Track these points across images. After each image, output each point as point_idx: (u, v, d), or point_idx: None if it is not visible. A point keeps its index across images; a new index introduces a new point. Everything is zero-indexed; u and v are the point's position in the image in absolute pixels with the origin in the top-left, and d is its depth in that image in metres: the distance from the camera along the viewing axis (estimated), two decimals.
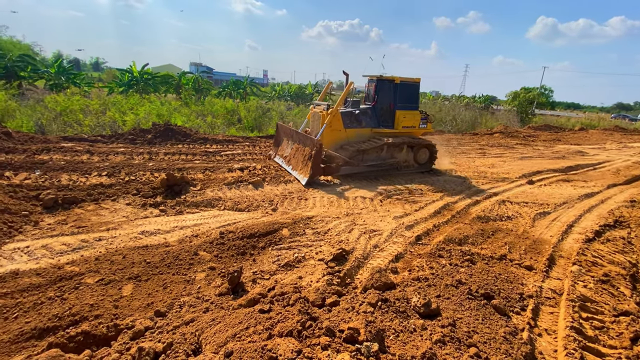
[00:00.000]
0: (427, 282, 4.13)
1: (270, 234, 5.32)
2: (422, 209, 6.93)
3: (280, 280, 4.13)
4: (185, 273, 4.20)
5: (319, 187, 8.00)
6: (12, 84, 16.74)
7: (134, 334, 2.82)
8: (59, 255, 4.42)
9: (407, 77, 9.67)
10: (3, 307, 3.38)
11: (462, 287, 4.01)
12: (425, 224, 6.20)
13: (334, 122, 9.00)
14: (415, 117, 9.94)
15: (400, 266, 4.69)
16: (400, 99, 9.62)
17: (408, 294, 3.52)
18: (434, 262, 4.76)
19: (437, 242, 5.37)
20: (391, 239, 5.46)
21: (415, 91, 9.90)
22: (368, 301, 2.78)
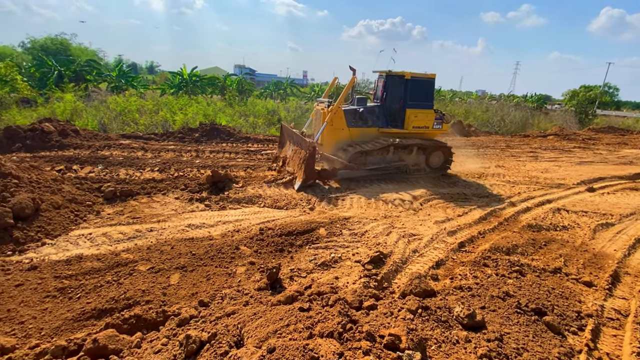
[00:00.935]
0: (470, 291, 3.92)
1: (308, 233, 5.37)
2: (466, 215, 6.59)
3: (317, 279, 4.15)
4: (226, 266, 4.37)
5: (355, 188, 7.93)
6: (80, 86, 18.63)
7: (180, 321, 2.99)
8: (116, 243, 4.83)
9: (420, 73, 8.80)
10: (69, 288, 3.75)
11: (509, 299, 3.75)
12: (470, 230, 5.88)
13: (336, 120, 8.32)
14: (428, 116, 9.00)
15: (441, 273, 4.49)
16: (411, 96, 8.72)
17: (450, 303, 3.36)
18: (478, 271, 4.51)
19: (482, 250, 5.07)
20: (432, 244, 5.26)
21: (429, 88, 9.00)
22: (408, 307, 2.70)
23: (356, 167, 8.23)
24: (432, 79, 8.98)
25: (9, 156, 7.51)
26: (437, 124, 9.21)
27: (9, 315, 3.26)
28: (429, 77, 8.91)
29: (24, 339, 3.04)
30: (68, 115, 12.86)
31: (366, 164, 8.47)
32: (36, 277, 3.83)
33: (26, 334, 3.10)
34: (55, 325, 3.19)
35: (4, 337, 2.98)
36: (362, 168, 8.38)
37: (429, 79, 8.92)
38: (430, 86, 9.01)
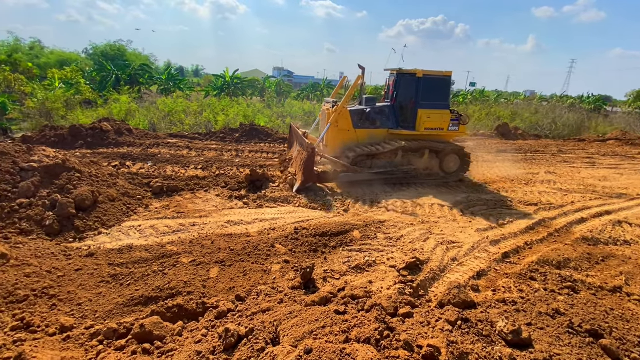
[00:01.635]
0: (515, 306, 3.66)
1: (342, 235, 5.36)
2: (511, 223, 6.18)
3: (350, 282, 4.12)
4: (262, 263, 4.49)
5: (390, 192, 7.77)
6: (134, 89, 20.16)
7: (218, 314, 3.11)
8: (162, 235, 5.15)
9: (434, 71, 8.19)
10: (120, 275, 4.06)
11: (560, 318, 3.46)
12: (515, 240, 5.52)
13: (341, 121, 8.01)
14: (443, 117, 8.32)
15: (482, 284, 4.26)
16: (423, 95, 8.13)
17: (492, 316, 3.16)
18: (524, 284, 4.21)
19: (529, 263, 4.73)
20: (473, 253, 5.00)
21: (445, 87, 8.34)
22: (446, 318, 2.58)
23: (359, 171, 7.82)
24: (448, 77, 8.34)
25: (73, 152, 8.31)
26: (453, 126, 8.48)
27: (69, 297, 3.59)
28: (445, 75, 8.27)
29: (80, 319, 3.33)
30: (123, 115, 13.97)
31: (371, 168, 8.02)
32: (93, 263, 4.19)
33: (83, 314, 3.40)
34: (107, 308, 3.47)
35: (64, 317, 3.29)
36: (366, 172, 7.92)
37: (444, 77, 8.27)
38: (445, 85, 8.36)
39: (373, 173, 7.97)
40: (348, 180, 7.79)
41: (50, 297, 3.50)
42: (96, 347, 2.92)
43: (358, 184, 7.85)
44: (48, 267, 3.91)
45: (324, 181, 7.65)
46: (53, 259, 4.13)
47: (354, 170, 7.76)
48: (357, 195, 7.33)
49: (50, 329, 3.08)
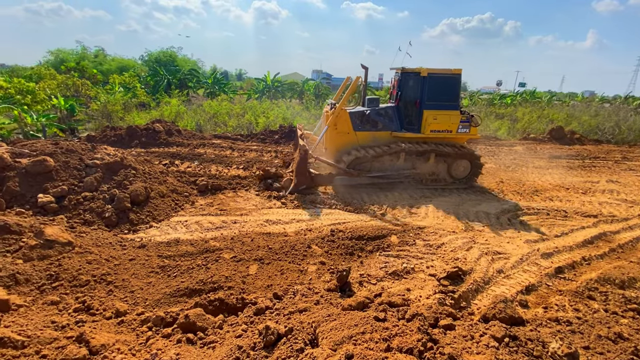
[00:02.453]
0: (570, 326, 3.36)
1: (379, 239, 5.27)
2: (566, 235, 5.68)
3: (387, 288, 4.03)
4: (299, 263, 4.54)
5: (431, 196, 7.49)
6: (183, 92, 21.49)
7: (257, 310, 3.21)
8: (206, 231, 5.42)
9: (441, 69, 7.65)
10: (168, 267, 4.33)
11: (623, 343, 3.12)
12: (570, 254, 5.06)
13: (340, 123, 7.69)
14: (451, 118, 7.75)
15: (532, 300, 3.95)
16: (429, 95, 7.61)
17: (543, 336, 2.92)
18: (580, 303, 3.85)
19: (587, 280, 4.31)
20: (521, 265, 4.66)
21: (453, 86, 7.73)
22: (492, 334, 2.43)
23: (356, 174, 7.53)
24: (457, 76, 7.72)
25: (129, 150, 9.04)
26: (463, 128, 7.87)
27: (123, 284, 3.90)
28: (453, 73, 7.67)
29: (133, 305, 3.60)
30: (173, 117, 14.94)
31: (370, 171, 7.69)
32: (144, 254, 4.52)
33: (135, 301, 3.67)
34: (156, 297, 3.71)
35: (119, 302, 3.57)
36: (364, 175, 7.61)
37: (452, 76, 7.68)
38: (454, 84, 7.75)
39: (371, 177, 7.65)
40: (345, 184, 7.54)
41: (108, 283, 3.83)
42: (146, 332, 3.13)
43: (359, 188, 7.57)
44: (106, 255, 4.28)
45: (318, 184, 7.45)
46: (110, 249, 4.51)
47: (350, 173, 7.49)
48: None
49: (107, 312, 3.37)
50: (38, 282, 3.60)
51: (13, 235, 4.00)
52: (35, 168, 5.34)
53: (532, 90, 37.18)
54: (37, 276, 3.65)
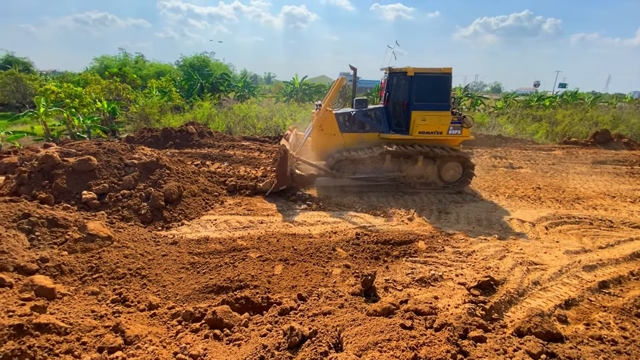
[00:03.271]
0: (615, 346, 3.10)
1: (405, 244, 5.15)
2: (612, 247, 5.26)
3: (414, 295, 3.93)
4: (323, 265, 4.54)
5: (461, 202, 7.23)
6: (215, 95, 22.28)
7: (282, 310, 3.24)
8: (234, 230, 5.56)
9: (429, 68, 7.35)
10: (197, 263, 4.48)
11: None
12: (616, 268, 4.68)
13: (326, 124, 7.56)
14: (441, 119, 7.43)
15: (572, 315, 3.69)
16: (417, 96, 7.36)
17: (585, 354, 2.72)
18: (627, 321, 3.54)
19: (636, 297, 3.96)
20: (560, 278, 4.37)
21: (443, 86, 7.39)
22: (527, 349, 2.29)
23: (338, 176, 7.41)
24: (446, 75, 7.37)
25: (164, 151, 9.49)
26: (454, 129, 7.51)
27: (156, 279, 4.08)
28: (442, 73, 7.35)
29: (164, 299, 3.76)
30: (205, 119, 15.52)
31: (355, 173, 7.51)
32: (176, 251, 4.71)
33: (166, 295, 3.82)
34: (186, 293, 3.85)
35: (152, 296, 3.74)
36: (346, 177, 7.46)
37: (441, 75, 7.36)
38: (444, 83, 7.41)
39: (354, 179, 7.50)
40: (326, 185, 7.49)
41: (142, 277, 4.02)
42: (175, 326, 3.26)
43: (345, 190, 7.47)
44: (141, 250, 4.50)
45: (299, 185, 7.37)
46: (145, 244, 4.74)
47: (333, 175, 7.39)
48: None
49: (141, 305, 3.54)
50: (80, 273, 3.85)
51: (60, 229, 4.32)
52: (80, 166, 5.74)
53: (573, 91, 34.91)
54: (79, 267, 3.91)
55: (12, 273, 3.49)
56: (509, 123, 18.79)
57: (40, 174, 5.66)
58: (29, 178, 5.62)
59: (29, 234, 4.10)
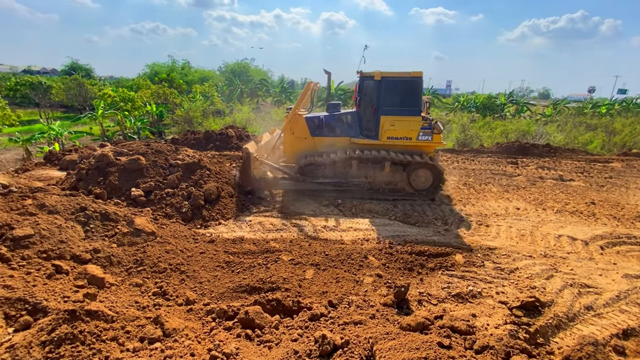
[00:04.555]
0: None
1: (441, 256, 4.94)
2: None
3: (449, 310, 3.74)
4: (355, 273, 4.48)
5: (504, 215, 6.81)
6: (254, 100, 23.05)
7: (312, 316, 3.23)
8: (267, 231, 5.67)
9: (397, 72, 7.10)
10: (232, 262, 4.62)
11: None
12: None
13: (297, 128, 7.54)
14: (411, 125, 7.19)
15: (631, 347, 3.32)
16: (385, 100, 7.13)
17: None
18: None
19: None
20: (617, 304, 3.95)
21: (413, 90, 7.12)
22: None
23: (302, 179, 7.33)
24: (416, 79, 7.11)
25: (205, 153, 9.94)
26: (425, 135, 7.25)
27: (194, 275, 4.26)
28: (412, 77, 7.09)
29: (200, 296, 3.91)
30: (244, 123, 16.09)
31: (320, 177, 7.42)
32: (213, 249, 4.89)
33: (202, 292, 3.98)
34: (221, 290, 3.98)
35: (189, 291, 3.91)
36: (309, 181, 7.35)
37: (410, 79, 7.11)
38: (413, 88, 7.14)
39: (317, 183, 7.39)
40: (290, 188, 7.45)
41: (181, 272, 4.22)
42: (210, 323, 3.37)
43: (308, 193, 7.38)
44: (181, 247, 4.73)
45: (264, 187, 7.39)
46: (185, 241, 4.98)
47: (296, 178, 7.36)
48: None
49: (179, 299, 3.71)
50: (127, 265, 4.13)
51: (111, 222, 4.66)
52: (131, 165, 6.18)
53: (635, 98, 31.76)
54: (126, 260, 4.19)
55: (68, 261, 3.82)
56: (558, 131, 17.50)
57: (96, 171, 6.17)
58: (86, 174, 6.14)
59: (84, 226, 4.48)
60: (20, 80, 28.19)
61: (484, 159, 11.94)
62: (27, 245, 3.73)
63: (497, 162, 11.62)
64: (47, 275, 3.47)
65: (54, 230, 4.04)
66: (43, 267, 3.56)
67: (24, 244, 3.72)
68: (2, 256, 3.47)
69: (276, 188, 7.61)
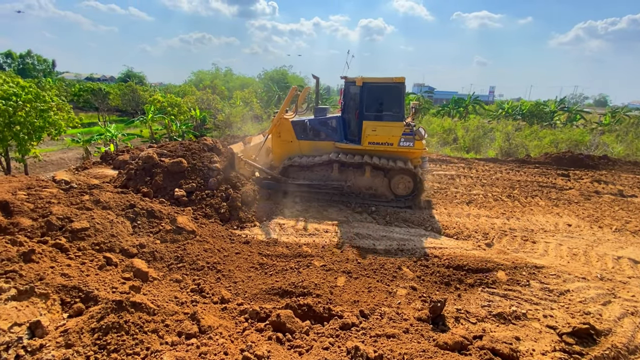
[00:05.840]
0: None
1: (482, 272, 4.66)
2: None
3: (490, 331, 3.51)
4: (387, 283, 4.36)
5: (553, 231, 6.29)
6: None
7: (343, 325, 3.19)
8: (300, 236, 5.71)
9: (379, 78, 7.11)
10: (266, 265, 4.70)
11: None
12: None
13: (283, 132, 7.78)
14: (392, 130, 7.14)
15: None
16: (367, 106, 7.20)
17: None
18: None
19: None
20: None
21: (395, 96, 7.15)
22: None
23: (282, 180, 7.47)
24: (398, 85, 7.09)
25: None
26: (406, 141, 7.16)
27: (229, 274, 4.39)
28: (394, 82, 7.07)
29: (234, 295, 4.01)
30: None
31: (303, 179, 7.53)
32: (248, 250, 5.02)
33: (236, 292, 4.08)
34: (254, 292, 4.06)
35: (224, 290, 4.03)
36: (289, 182, 7.46)
37: (392, 85, 7.11)
38: (395, 93, 7.17)
39: (297, 184, 7.48)
40: (271, 189, 7.55)
41: (217, 271, 4.37)
42: (242, 323, 3.44)
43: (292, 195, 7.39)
44: (218, 246, 4.91)
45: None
46: (222, 241, 5.16)
47: (277, 179, 7.54)
48: None
49: (215, 297, 3.84)
50: (168, 261, 4.35)
51: (156, 220, 4.96)
52: (174, 167, 6.54)
53: None
54: (168, 256, 4.42)
55: (117, 254, 4.11)
56: (617, 142, 15.96)
57: (143, 171, 6.61)
58: (135, 174, 6.60)
59: (132, 221, 4.80)
60: (83, 86, 31.20)
61: (531, 170, 11.18)
62: (83, 237, 4.07)
63: (546, 173, 10.82)
64: (99, 266, 3.75)
65: (107, 224, 4.37)
66: (96, 259, 3.85)
67: (80, 236, 4.06)
68: (62, 246, 3.81)
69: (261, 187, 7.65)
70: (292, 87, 8.42)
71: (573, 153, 12.57)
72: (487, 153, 14.95)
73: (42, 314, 2.84)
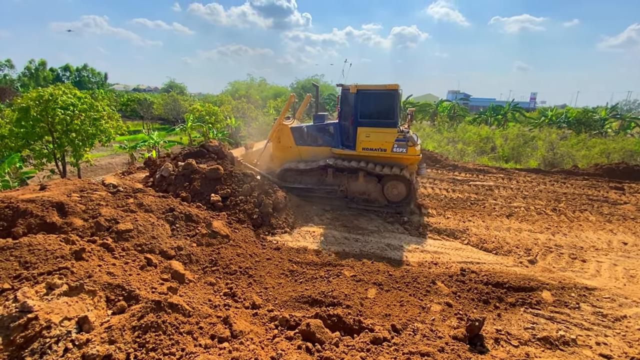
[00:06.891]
0: None
1: (525, 291, 4.35)
2: None
3: (534, 356, 3.25)
4: (421, 298, 4.20)
5: (606, 249, 5.75)
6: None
7: (374, 339, 3.10)
8: (330, 244, 5.68)
9: (373, 85, 7.24)
10: (296, 272, 4.71)
11: None
12: None
13: (283, 137, 8.08)
14: (386, 137, 7.24)
15: None
16: (361, 112, 7.33)
17: None
18: None
19: None
20: None
21: (389, 103, 7.22)
22: None
23: (278, 184, 7.58)
24: (392, 91, 7.17)
25: None
26: (399, 147, 7.21)
27: (260, 280, 4.45)
28: (387, 90, 7.18)
29: (265, 301, 4.05)
30: None
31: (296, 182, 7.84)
32: (278, 256, 5.07)
33: (267, 298, 4.12)
34: (284, 299, 4.07)
35: (256, 295, 4.08)
36: (284, 185, 7.68)
37: (386, 92, 7.21)
38: (389, 100, 7.23)
39: (290, 187, 7.71)
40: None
41: (249, 276, 4.45)
42: (272, 330, 3.45)
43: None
44: (250, 251, 5.00)
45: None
46: (254, 246, 5.26)
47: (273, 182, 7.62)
48: None
49: (246, 302, 3.90)
50: (203, 264, 4.50)
51: (193, 223, 5.16)
52: (211, 174, 6.81)
53: None
54: (203, 259, 4.57)
55: (157, 255, 4.32)
56: None
57: (182, 176, 6.93)
58: (175, 179, 6.95)
59: (171, 224, 5.04)
60: (130, 97, 33.65)
61: (579, 182, 10.37)
62: (127, 238, 4.32)
63: (596, 186, 9.99)
64: (140, 267, 3.96)
65: (148, 226, 4.62)
66: (138, 259, 4.07)
67: (125, 237, 4.32)
68: (108, 246, 4.07)
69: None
70: (291, 94, 8.82)
71: (628, 164, 11.52)
72: (528, 163, 14.09)
73: (89, 310, 3.03)
